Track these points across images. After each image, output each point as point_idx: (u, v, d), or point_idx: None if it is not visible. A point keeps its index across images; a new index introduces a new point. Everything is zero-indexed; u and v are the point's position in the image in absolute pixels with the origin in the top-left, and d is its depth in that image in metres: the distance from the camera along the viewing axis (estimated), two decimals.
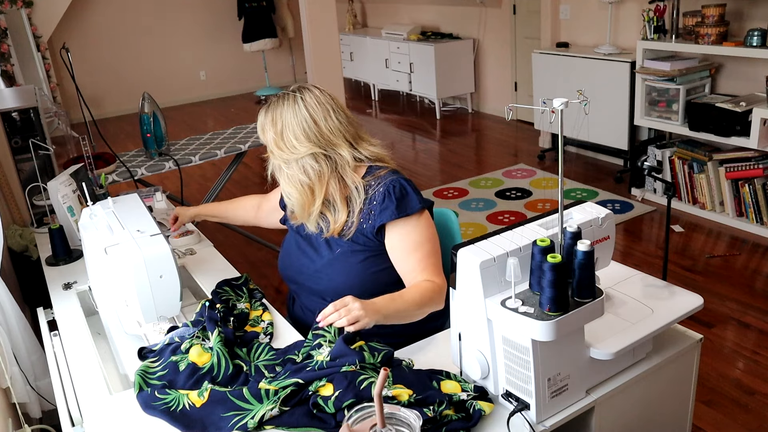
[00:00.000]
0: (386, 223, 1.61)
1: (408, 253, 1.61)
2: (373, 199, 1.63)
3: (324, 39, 4.91)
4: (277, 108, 1.63)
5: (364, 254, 1.65)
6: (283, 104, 1.62)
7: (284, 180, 1.65)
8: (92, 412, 1.39)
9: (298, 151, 1.60)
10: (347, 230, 1.65)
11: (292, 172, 1.62)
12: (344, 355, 1.32)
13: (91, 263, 1.75)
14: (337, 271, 1.67)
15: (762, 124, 3.51)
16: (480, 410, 1.24)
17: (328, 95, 1.64)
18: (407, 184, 1.63)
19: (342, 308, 1.44)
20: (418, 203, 1.61)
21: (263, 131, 1.66)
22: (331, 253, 1.67)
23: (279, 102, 1.63)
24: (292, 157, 1.60)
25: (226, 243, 4.14)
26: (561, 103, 1.08)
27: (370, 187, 1.64)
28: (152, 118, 3.36)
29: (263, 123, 1.65)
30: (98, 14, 7.90)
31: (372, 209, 1.62)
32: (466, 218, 4.23)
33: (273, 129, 1.62)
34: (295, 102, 1.61)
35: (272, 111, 1.63)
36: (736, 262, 3.43)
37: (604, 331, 1.29)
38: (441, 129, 6.50)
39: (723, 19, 3.70)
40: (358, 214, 1.63)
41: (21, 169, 2.56)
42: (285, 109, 1.61)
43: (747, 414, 2.36)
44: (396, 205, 1.59)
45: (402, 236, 1.62)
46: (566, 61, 4.84)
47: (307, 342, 1.46)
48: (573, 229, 1.20)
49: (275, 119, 1.62)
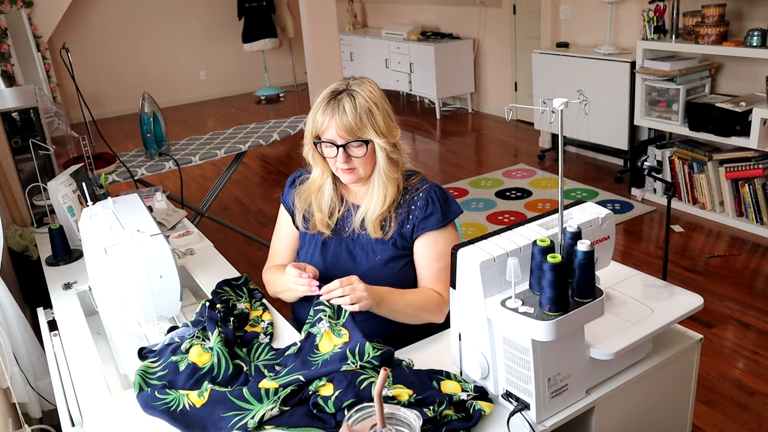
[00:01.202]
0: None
1: (431, 261, 1.62)
2: (412, 204, 1.63)
3: (324, 39, 4.91)
4: (366, 92, 1.54)
5: (403, 260, 1.65)
6: (368, 87, 1.56)
7: (390, 167, 1.58)
8: (92, 412, 1.39)
9: (396, 132, 1.59)
10: (386, 228, 1.62)
11: (396, 156, 1.60)
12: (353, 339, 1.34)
13: (91, 263, 1.75)
14: (377, 278, 1.60)
15: (762, 124, 3.51)
16: (480, 410, 1.24)
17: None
18: (444, 190, 1.65)
19: (347, 286, 1.45)
20: (458, 209, 1.64)
21: (370, 116, 1.52)
22: (371, 260, 1.64)
23: (362, 87, 1.55)
24: (394, 139, 1.58)
25: (226, 243, 4.14)
26: (561, 103, 1.08)
27: (408, 191, 1.64)
28: (152, 118, 3.36)
29: (366, 108, 1.52)
30: (98, 14, 7.90)
31: (411, 213, 1.62)
32: (466, 218, 4.23)
33: (379, 110, 1.54)
34: (371, 84, 1.58)
35: (366, 95, 1.53)
36: (736, 262, 3.43)
37: (604, 331, 1.29)
38: (441, 129, 6.50)
39: (723, 19, 3.70)
40: (394, 213, 1.62)
41: (21, 169, 2.56)
42: (373, 90, 1.56)
43: (747, 414, 2.36)
44: (441, 212, 1.61)
45: (432, 244, 1.62)
46: (566, 61, 4.84)
47: (309, 317, 1.48)
48: (573, 229, 1.20)
49: (374, 101, 1.54)
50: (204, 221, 4.04)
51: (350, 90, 1.55)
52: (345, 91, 1.55)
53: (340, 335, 1.44)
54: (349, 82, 1.58)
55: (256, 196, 5.08)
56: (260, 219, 4.60)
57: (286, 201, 1.77)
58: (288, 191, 1.77)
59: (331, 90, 1.57)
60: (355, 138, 1.54)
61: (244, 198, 5.04)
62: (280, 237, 1.81)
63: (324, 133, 1.56)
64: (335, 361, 1.36)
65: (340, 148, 1.55)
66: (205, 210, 3.93)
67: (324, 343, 1.44)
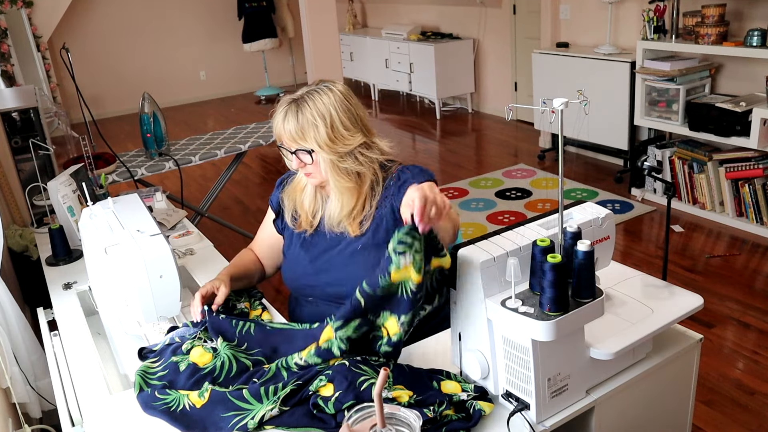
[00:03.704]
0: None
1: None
2: (389, 188, 1.61)
3: (324, 39, 4.91)
4: (316, 102, 1.54)
5: (384, 248, 1.61)
6: (320, 97, 1.55)
7: (337, 177, 1.57)
8: (92, 412, 1.39)
9: (351, 141, 1.56)
10: (364, 223, 1.62)
11: (348, 165, 1.57)
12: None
13: (91, 263, 1.75)
14: (358, 271, 1.58)
15: (762, 124, 3.51)
16: (480, 410, 1.24)
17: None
18: (415, 165, 1.65)
19: (431, 199, 1.23)
20: (432, 175, 1.61)
21: (312, 128, 1.53)
22: (349, 254, 1.63)
23: (314, 96, 1.55)
24: (346, 149, 1.56)
25: (226, 243, 4.14)
26: (561, 103, 1.08)
27: (386, 181, 1.64)
28: (152, 118, 3.36)
29: (310, 120, 1.53)
30: (98, 14, 7.90)
31: (387, 194, 1.61)
32: (466, 218, 4.23)
33: (324, 123, 1.52)
34: (332, 92, 1.56)
35: (312, 106, 1.53)
36: (736, 262, 3.43)
37: (604, 331, 1.29)
38: (441, 129, 6.50)
39: (723, 19, 3.70)
40: (375, 208, 1.62)
41: (21, 169, 2.56)
42: (325, 100, 1.54)
43: (747, 414, 2.36)
44: (413, 177, 1.58)
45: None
46: (566, 61, 4.84)
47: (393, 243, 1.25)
48: (573, 229, 1.20)
49: (322, 112, 1.53)
50: (204, 221, 4.04)
51: (302, 99, 1.56)
52: (297, 100, 1.56)
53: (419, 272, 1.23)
54: (310, 89, 1.58)
55: (256, 196, 5.08)
56: (260, 219, 4.55)
57: (273, 202, 1.81)
58: (275, 192, 1.82)
59: (288, 98, 1.59)
60: (299, 147, 1.57)
61: (244, 198, 5.04)
62: (263, 232, 1.89)
63: (279, 139, 1.61)
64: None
65: (293, 154, 1.58)
66: (205, 210, 3.94)
67: (399, 273, 1.24)
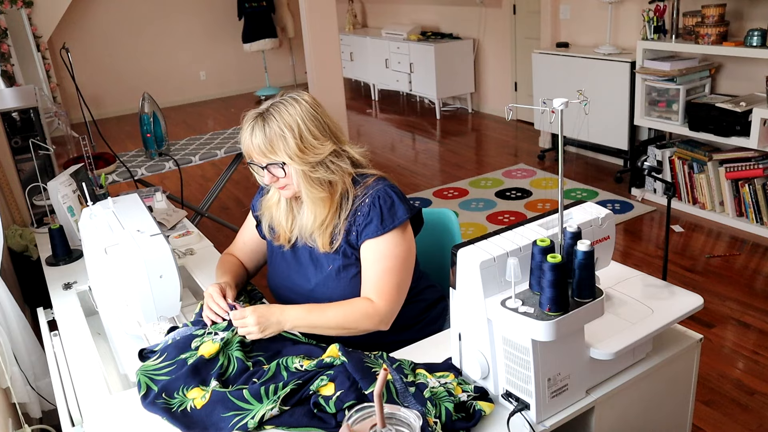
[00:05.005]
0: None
1: (371, 263, 1.56)
2: (359, 210, 1.57)
3: (324, 39, 4.91)
4: (282, 114, 1.52)
5: (356, 268, 1.59)
6: (287, 108, 1.53)
7: (310, 188, 1.54)
8: (92, 412, 1.39)
9: (321, 150, 1.53)
10: (335, 239, 1.58)
11: (320, 175, 1.54)
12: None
13: (91, 263, 1.75)
14: (331, 288, 1.60)
15: (762, 124, 3.51)
16: (480, 410, 1.24)
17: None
18: (394, 193, 1.57)
19: (239, 320, 1.49)
20: (405, 213, 1.56)
21: (281, 140, 1.50)
22: (324, 271, 1.61)
23: (279, 108, 1.53)
24: (317, 158, 1.53)
25: (226, 243, 4.12)
26: (561, 103, 1.08)
27: (357, 198, 1.58)
28: (152, 118, 3.36)
29: (278, 132, 1.50)
30: (98, 14, 7.90)
31: (357, 221, 1.57)
32: (466, 218, 4.23)
33: (292, 134, 1.50)
34: (298, 102, 1.54)
35: (278, 118, 1.51)
36: (736, 262, 3.43)
37: (604, 331, 1.29)
38: (441, 129, 6.50)
39: (723, 19, 3.70)
40: (344, 222, 1.58)
41: (21, 169, 2.56)
42: (291, 111, 1.52)
43: (747, 414, 2.36)
44: (380, 219, 1.54)
45: (372, 250, 1.55)
46: (566, 61, 4.84)
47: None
48: (573, 229, 1.20)
49: (289, 123, 1.51)
50: (204, 221, 4.04)
51: (268, 112, 1.53)
52: (263, 114, 1.53)
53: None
54: (275, 102, 1.55)
55: None
56: None
57: (255, 206, 1.77)
58: (257, 197, 1.78)
59: (253, 112, 1.56)
60: (270, 161, 1.53)
61: (244, 198, 5.04)
62: (244, 235, 1.86)
63: (249, 155, 1.57)
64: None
65: (265, 168, 1.55)
66: (205, 210, 3.93)
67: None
